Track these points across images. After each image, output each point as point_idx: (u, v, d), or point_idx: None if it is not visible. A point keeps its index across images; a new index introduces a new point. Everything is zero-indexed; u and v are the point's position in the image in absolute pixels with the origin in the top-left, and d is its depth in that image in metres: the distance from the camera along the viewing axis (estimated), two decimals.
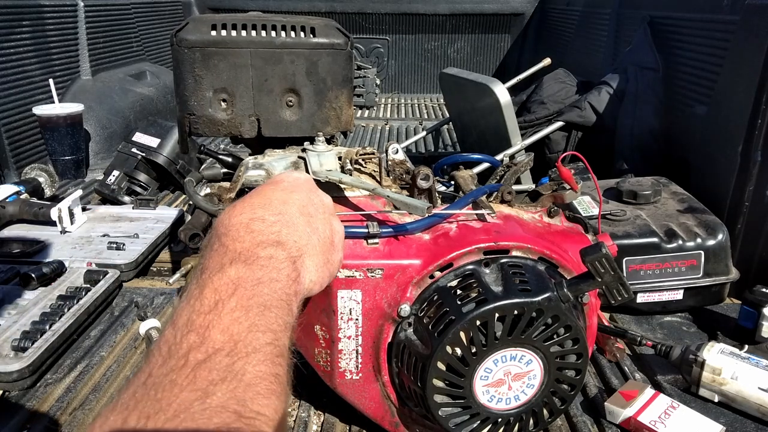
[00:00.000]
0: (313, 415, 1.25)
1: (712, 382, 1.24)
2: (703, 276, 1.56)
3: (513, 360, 0.95)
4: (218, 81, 1.26)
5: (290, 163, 1.21)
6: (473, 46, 4.87)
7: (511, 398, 0.98)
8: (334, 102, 1.31)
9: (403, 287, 0.99)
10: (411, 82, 5.01)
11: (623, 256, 1.52)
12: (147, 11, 3.84)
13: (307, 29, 1.27)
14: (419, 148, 3.41)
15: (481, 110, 2.43)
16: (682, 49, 2.22)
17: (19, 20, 2.63)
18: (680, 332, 1.54)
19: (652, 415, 1.16)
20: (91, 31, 3.17)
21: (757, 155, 1.64)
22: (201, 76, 1.25)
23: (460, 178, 1.31)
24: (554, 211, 1.18)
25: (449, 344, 0.92)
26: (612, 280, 0.90)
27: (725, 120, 1.81)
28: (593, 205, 1.67)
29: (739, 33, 1.79)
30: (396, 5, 4.58)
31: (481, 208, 1.09)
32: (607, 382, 1.34)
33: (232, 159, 1.36)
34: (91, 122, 2.89)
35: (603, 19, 3.20)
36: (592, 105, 2.36)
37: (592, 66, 3.17)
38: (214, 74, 1.25)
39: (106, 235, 1.94)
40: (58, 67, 2.92)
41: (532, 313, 0.91)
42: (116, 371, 1.38)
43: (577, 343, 0.95)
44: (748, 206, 1.68)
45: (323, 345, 1.07)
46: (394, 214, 1.09)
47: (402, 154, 1.24)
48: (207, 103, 1.27)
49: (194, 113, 1.28)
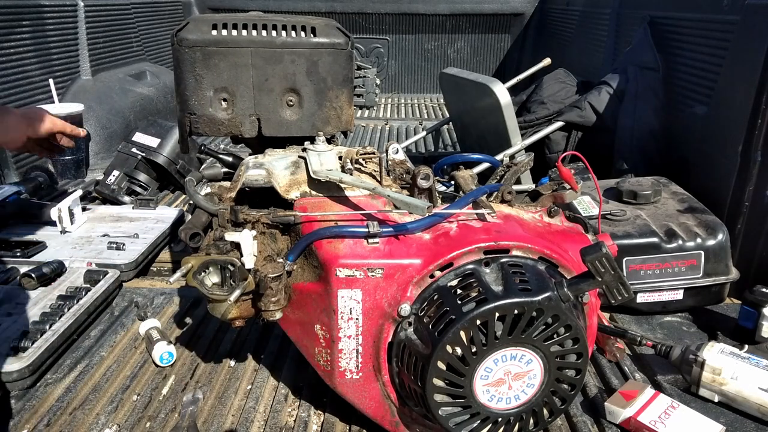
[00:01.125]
0: (313, 415, 1.25)
1: (712, 382, 1.24)
2: (703, 276, 1.56)
3: (513, 359, 0.95)
4: (219, 80, 1.26)
5: (291, 162, 1.21)
6: (473, 46, 4.87)
7: (511, 398, 0.98)
8: (334, 102, 1.31)
9: (404, 287, 0.99)
10: (411, 82, 5.01)
11: (623, 255, 1.52)
12: (147, 11, 3.84)
13: (307, 29, 1.27)
14: (419, 148, 3.41)
15: (481, 110, 2.43)
16: (682, 49, 2.22)
17: (19, 20, 2.63)
18: (680, 332, 1.54)
19: (652, 415, 1.16)
20: (91, 31, 3.17)
21: (757, 155, 1.64)
22: (201, 75, 1.25)
23: (460, 178, 1.31)
24: (554, 211, 1.18)
25: (449, 344, 0.92)
26: (612, 279, 0.90)
27: (725, 120, 1.81)
28: (593, 205, 1.67)
29: (739, 33, 1.79)
30: (396, 5, 4.58)
31: (482, 208, 1.10)
32: (607, 382, 1.34)
33: (232, 158, 1.36)
34: (91, 122, 2.89)
35: (603, 19, 3.20)
36: (592, 105, 2.36)
37: (592, 66, 3.17)
38: (215, 74, 1.25)
39: (106, 235, 1.94)
40: (58, 67, 2.92)
41: (533, 312, 0.91)
42: (116, 371, 1.38)
43: (577, 342, 0.95)
44: (748, 206, 1.68)
45: (323, 344, 1.07)
46: (395, 213, 1.09)
47: (402, 154, 1.24)
48: (207, 102, 1.27)
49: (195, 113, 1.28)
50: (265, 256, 1.15)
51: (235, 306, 1.13)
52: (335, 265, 1.00)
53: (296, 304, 1.10)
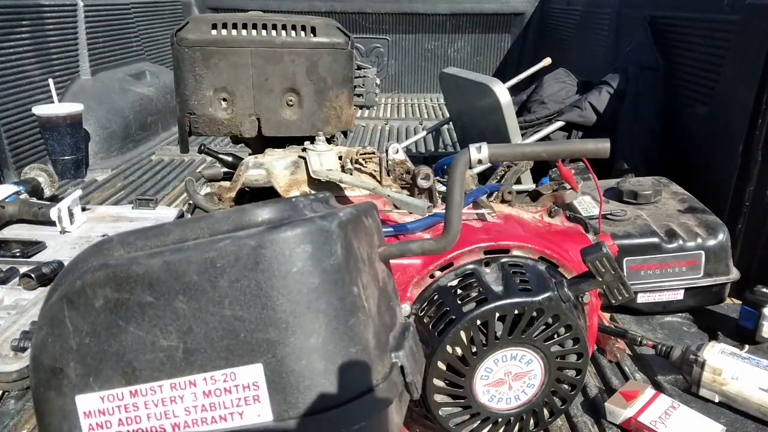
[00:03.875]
0: None
1: (712, 382, 1.24)
2: (703, 276, 1.56)
3: (513, 360, 0.95)
4: (218, 80, 1.26)
5: (290, 162, 1.21)
6: (473, 46, 4.87)
7: (511, 398, 0.98)
8: (334, 101, 1.31)
9: (404, 286, 0.99)
10: (411, 82, 5.01)
11: (624, 256, 1.52)
12: (147, 11, 3.84)
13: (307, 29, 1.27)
14: (419, 148, 3.41)
15: (481, 110, 2.43)
16: (682, 48, 2.22)
17: (18, 20, 2.63)
18: (681, 332, 1.54)
19: (652, 415, 1.16)
20: (91, 31, 3.17)
21: (758, 155, 1.64)
22: (201, 75, 1.25)
23: None
24: (555, 211, 1.18)
25: (449, 344, 0.92)
26: (612, 279, 0.90)
27: (726, 120, 1.81)
28: (593, 205, 1.67)
29: (739, 33, 1.79)
30: (396, 5, 4.58)
31: (482, 208, 1.09)
32: (608, 382, 1.34)
33: (232, 158, 1.35)
34: (91, 122, 2.89)
35: (603, 18, 3.20)
36: (593, 105, 2.36)
37: (592, 66, 3.16)
38: (215, 73, 1.25)
39: (106, 235, 1.94)
40: (58, 67, 2.92)
41: (533, 312, 0.91)
42: None
43: (578, 342, 0.95)
44: (748, 206, 1.68)
45: None
46: (395, 213, 1.09)
47: (402, 153, 1.24)
48: (207, 102, 1.27)
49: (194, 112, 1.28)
50: None
51: None
52: None
53: None
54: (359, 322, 0.63)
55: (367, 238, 0.72)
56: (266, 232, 0.60)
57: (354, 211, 0.69)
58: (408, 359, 0.70)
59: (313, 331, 0.60)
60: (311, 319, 0.60)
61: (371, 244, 0.73)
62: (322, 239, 0.62)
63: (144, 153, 3.15)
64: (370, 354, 0.63)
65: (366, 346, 0.63)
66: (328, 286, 0.61)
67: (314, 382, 0.60)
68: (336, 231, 0.63)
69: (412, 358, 0.73)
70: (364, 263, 0.68)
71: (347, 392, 0.61)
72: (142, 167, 2.94)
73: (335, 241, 0.62)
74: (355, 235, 0.67)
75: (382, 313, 0.71)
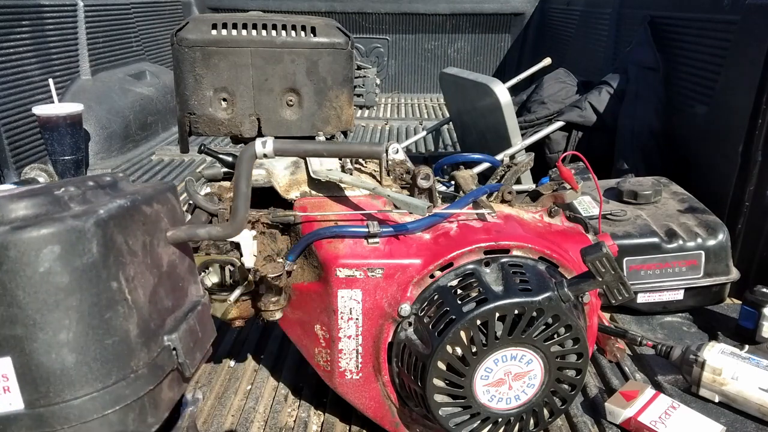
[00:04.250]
0: (313, 415, 1.25)
1: (712, 382, 1.24)
2: (703, 276, 1.56)
3: (513, 360, 0.95)
4: (218, 80, 1.26)
5: (290, 162, 1.21)
6: (473, 46, 4.87)
7: (511, 398, 0.98)
8: (334, 101, 1.31)
9: (404, 287, 0.99)
10: (411, 82, 5.01)
11: (624, 256, 1.52)
12: (147, 11, 3.84)
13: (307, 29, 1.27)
14: (419, 148, 3.41)
15: (481, 110, 2.43)
16: (682, 48, 2.22)
17: (18, 20, 2.63)
18: (681, 332, 1.54)
19: (652, 415, 1.16)
20: (91, 31, 3.17)
21: (758, 155, 1.64)
22: (201, 75, 1.25)
23: (461, 178, 1.31)
24: (555, 211, 1.18)
25: (450, 344, 0.92)
26: (612, 279, 0.90)
27: (725, 120, 1.81)
28: (593, 205, 1.67)
29: (739, 33, 1.79)
30: (396, 5, 4.58)
31: (482, 208, 1.09)
32: (608, 382, 1.34)
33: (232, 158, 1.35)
34: (91, 122, 2.89)
35: (603, 18, 3.20)
36: (593, 105, 2.36)
37: (592, 66, 3.17)
38: (215, 73, 1.25)
39: None
40: (58, 67, 2.92)
41: (533, 312, 0.91)
42: None
43: (578, 342, 0.95)
44: (748, 206, 1.68)
45: (323, 345, 1.07)
46: (395, 213, 1.09)
47: (402, 153, 1.24)
48: (207, 102, 1.27)
49: (194, 112, 1.28)
50: (265, 256, 1.15)
51: (235, 306, 1.13)
52: (335, 265, 0.99)
53: (296, 304, 1.10)
54: (118, 314, 0.64)
55: (147, 227, 0.71)
56: (10, 233, 0.60)
57: (125, 203, 0.68)
58: (183, 340, 0.72)
59: (63, 327, 0.61)
60: (60, 317, 0.61)
61: (154, 230, 0.73)
62: (73, 239, 0.62)
63: (144, 153, 3.15)
64: (130, 343, 0.65)
65: (125, 337, 0.65)
66: (80, 284, 0.62)
67: (65, 373, 0.61)
68: (91, 229, 0.63)
69: (189, 338, 0.75)
70: (134, 255, 0.68)
71: (100, 381, 0.63)
72: (142, 167, 2.94)
73: (89, 240, 0.63)
74: (122, 229, 0.67)
75: (159, 299, 0.72)
